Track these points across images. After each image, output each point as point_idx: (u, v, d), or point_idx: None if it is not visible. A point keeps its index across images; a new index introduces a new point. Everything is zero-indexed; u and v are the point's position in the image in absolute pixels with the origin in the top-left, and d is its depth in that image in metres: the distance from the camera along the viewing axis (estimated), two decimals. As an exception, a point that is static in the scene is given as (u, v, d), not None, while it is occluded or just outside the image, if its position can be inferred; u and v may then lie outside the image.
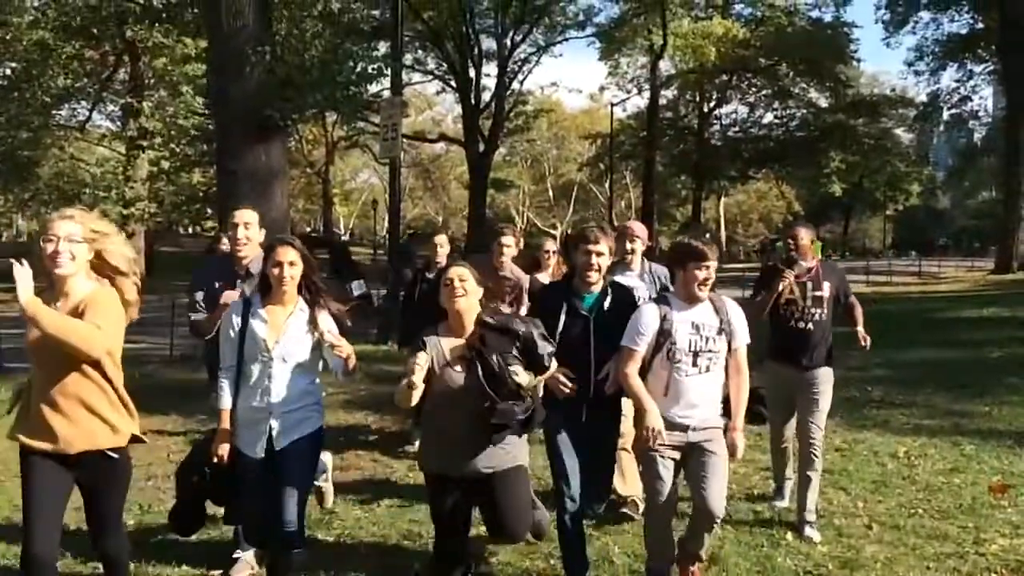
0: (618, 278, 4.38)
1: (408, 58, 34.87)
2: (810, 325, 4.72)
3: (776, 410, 4.91)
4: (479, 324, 3.44)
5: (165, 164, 24.22)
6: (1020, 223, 29.78)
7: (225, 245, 6.83)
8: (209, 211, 24.69)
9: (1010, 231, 30.17)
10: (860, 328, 5.02)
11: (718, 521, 3.69)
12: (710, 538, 3.78)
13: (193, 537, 4.11)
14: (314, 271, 3.60)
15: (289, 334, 3.52)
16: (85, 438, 3.01)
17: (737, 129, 44.29)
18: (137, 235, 24.96)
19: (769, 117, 43.71)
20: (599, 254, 3.88)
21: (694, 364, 3.64)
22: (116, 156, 26.75)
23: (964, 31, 34.55)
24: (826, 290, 4.76)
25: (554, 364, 3.54)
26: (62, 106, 27.05)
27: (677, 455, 3.65)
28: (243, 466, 3.53)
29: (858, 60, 41.28)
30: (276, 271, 3.49)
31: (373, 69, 11.69)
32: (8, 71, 26.62)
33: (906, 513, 4.92)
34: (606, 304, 3.87)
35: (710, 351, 3.65)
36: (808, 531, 4.56)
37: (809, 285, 4.74)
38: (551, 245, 5.84)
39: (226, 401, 3.57)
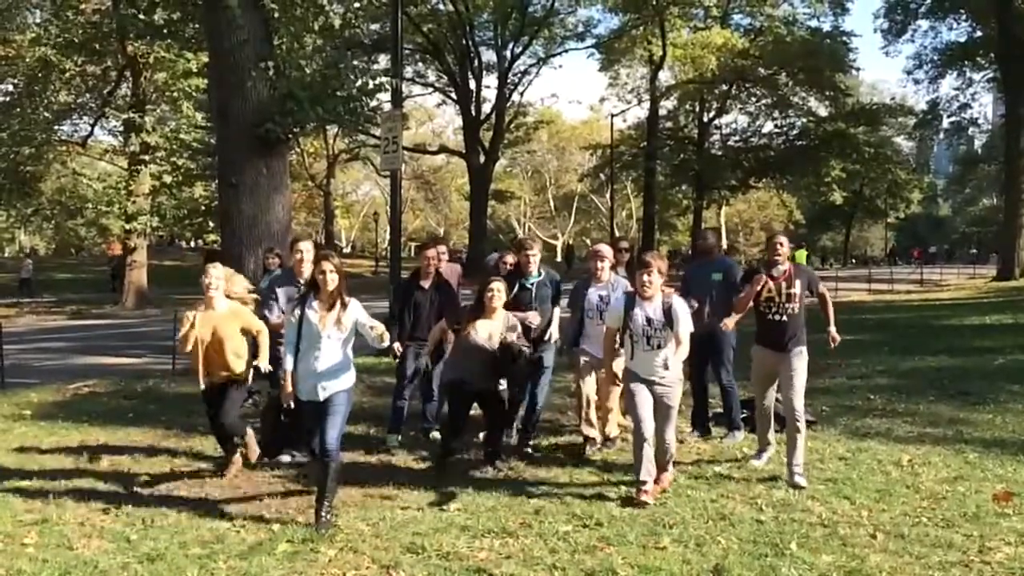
0: (591, 289, 6.61)
1: (408, 71, 35.05)
2: (784, 317, 5.87)
3: (758, 384, 6.16)
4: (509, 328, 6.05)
5: (167, 178, 24.25)
6: (1021, 230, 29.73)
7: (271, 263, 8.62)
8: (211, 224, 24.72)
9: (1011, 238, 30.12)
10: (832, 328, 6.06)
11: (669, 441, 5.50)
12: (664, 454, 5.51)
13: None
14: (344, 278, 5.12)
15: (331, 320, 5.01)
16: (230, 371, 5.87)
17: (737, 138, 44.36)
18: (139, 249, 25.01)
19: (769, 126, 43.81)
20: (533, 255, 6.76)
21: (647, 344, 5.43)
22: (118, 171, 26.81)
23: (963, 39, 34.64)
24: (797, 288, 5.89)
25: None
26: (64, 122, 27.14)
27: (649, 393, 5.42)
28: (302, 407, 5.14)
29: (857, 69, 41.43)
30: (321, 277, 5.02)
31: (374, 84, 11.70)
32: (11, 87, 26.76)
33: (910, 522, 4.90)
34: (540, 283, 6.73)
35: (658, 336, 5.40)
36: (797, 479, 5.64)
37: (784, 285, 5.88)
38: (510, 258, 7.29)
39: (289, 365, 5.11)
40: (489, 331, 5.98)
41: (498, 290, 6.00)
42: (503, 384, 6.36)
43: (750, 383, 6.51)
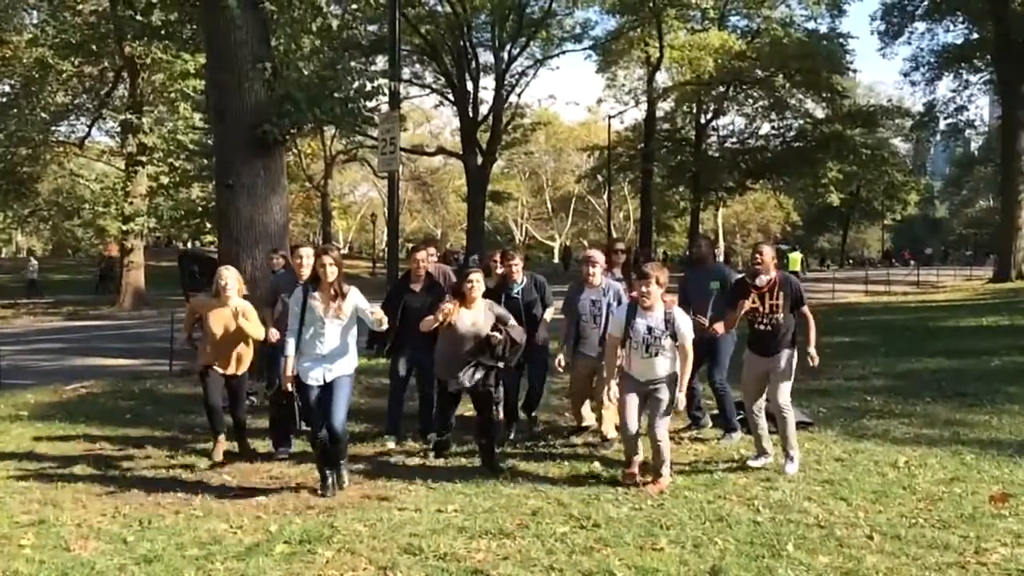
0: (583, 294, 6.76)
1: (406, 72, 35.00)
2: (769, 327, 6.07)
3: (748, 387, 6.24)
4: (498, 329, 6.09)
5: (164, 179, 24.24)
6: (1018, 232, 29.77)
7: (275, 263, 8.63)
8: (208, 226, 24.69)
9: (1008, 240, 30.16)
10: (811, 348, 6.07)
11: (660, 439, 5.61)
12: (659, 454, 5.66)
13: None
14: (343, 270, 5.57)
15: (332, 308, 5.49)
16: (235, 366, 6.56)
17: (734, 140, 44.33)
18: (136, 250, 24.99)
19: (766, 128, 43.76)
20: (516, 264, 7.10)
21: (646, 351, 5.65)
22: (115, 172, 26.81)
23: (959, 41, 34.66)
24: (781, 299, 6.04)
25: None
26: (61, 122, 27.15)
27: (638, 396, 5.71)
28: (307, 391, 5.57)
29: (854, 71, 41.37)
30: (321, 269, 5.49)
31: (372, 87, 11.69)
32: (8, 88, 26.75)
33: (907, 523, 4.91)
34: (526, 289, 7.05)
35: (658, 345, 5.63)
36: (787, 466, 5.99)
37: (767, 295, 6.05)
38: (497, 256, 7.54)
39: (291, 350, 5.56)
40: (473, 319, 6.11)
41: (477, 280, 6.13)
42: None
43: (740, 386, 6.56)
